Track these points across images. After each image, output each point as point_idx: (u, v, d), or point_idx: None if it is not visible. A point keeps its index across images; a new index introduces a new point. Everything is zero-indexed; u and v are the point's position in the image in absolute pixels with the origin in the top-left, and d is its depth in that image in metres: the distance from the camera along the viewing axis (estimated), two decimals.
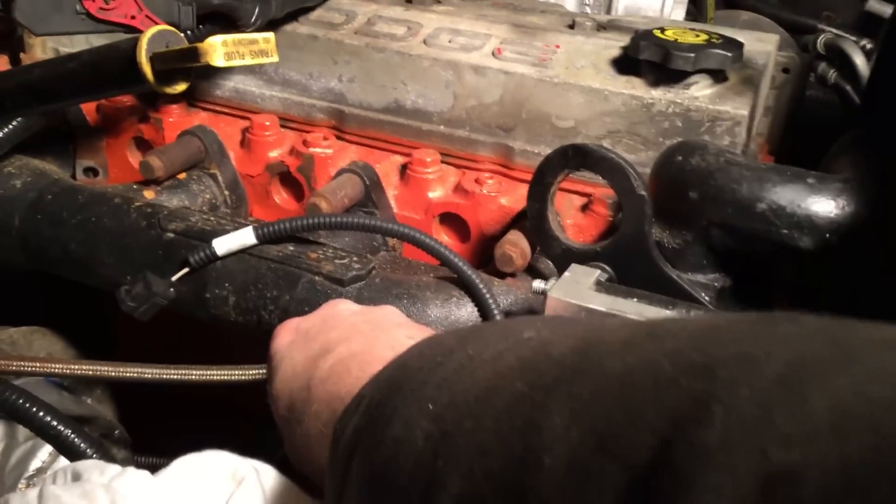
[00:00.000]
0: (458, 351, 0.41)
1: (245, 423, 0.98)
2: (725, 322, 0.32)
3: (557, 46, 0.94)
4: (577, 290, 0.69)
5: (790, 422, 0.24)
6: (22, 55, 1.10)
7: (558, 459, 0.29)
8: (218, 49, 0.54)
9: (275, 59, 0.59)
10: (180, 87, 0.63)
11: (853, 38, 1.50)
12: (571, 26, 0.99)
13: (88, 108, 1.10)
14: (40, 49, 1.10)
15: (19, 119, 0.83)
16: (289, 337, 0.61)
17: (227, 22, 0.89)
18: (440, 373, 0.39)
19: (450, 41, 0.97)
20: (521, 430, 0.31)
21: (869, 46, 1.48)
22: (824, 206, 0.70)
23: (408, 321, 0.62)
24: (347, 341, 0.55)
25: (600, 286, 0.71)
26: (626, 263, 0.77)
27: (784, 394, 0.26)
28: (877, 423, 0.23)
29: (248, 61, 0.56)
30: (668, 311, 0.68)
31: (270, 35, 0.59)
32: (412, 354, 0.46)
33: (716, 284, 0.77)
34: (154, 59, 0.59)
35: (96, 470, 0.53)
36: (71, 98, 0.73)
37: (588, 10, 1.27)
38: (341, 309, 0.63)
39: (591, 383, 0.31)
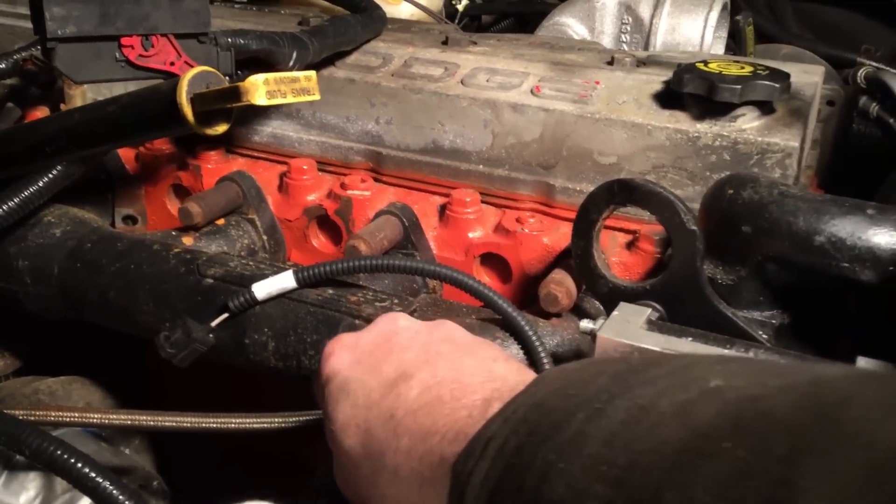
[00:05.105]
0: (619, 397, 0.36)
1: (284, 474, 0.95)
2: None
3: (597, 83, 0.92)
4: (628, 329, 0.67)
5: None
6: (62, 106, 1.11)
7: None
8: (260, 88, 0.53)
9: (316, 97, 0.58)
10: (221, 129, 0.62)
11: (894, 70, 1.47)
12: (610, 62, 0.97)
13: (127, 157, 1.11)
14: (80, 100, 1.11)
15: (59, 168, 0.83)
16: (348, 355, 0.57)
17: (265, 67, 0.89)
18: (604, 424, 0.35)
19: (487, 80, 0.96)
20: None
21: None
22: (886, 237, 0.67)
23: (479, 339, 0.59)
24: (429, 365, 0.51)
25: (652, 325, 0.68)
26: (678, 301, 0.74)
27: None
28: None
29: (290, 99, 0.55)
30: (725, 351, 0.65)
31: (312, 73, 0.58)
32: (548, 393, 0.41)
33: (773, 322, 0.74)
34: (194, 100, 0.58)
35: None
36: (111, 142, 0.72)
37: (625, 46, 1.26)
38: (402, 325, 0.58)
39: (859, 459, 0.26)
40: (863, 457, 0.26)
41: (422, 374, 0.51)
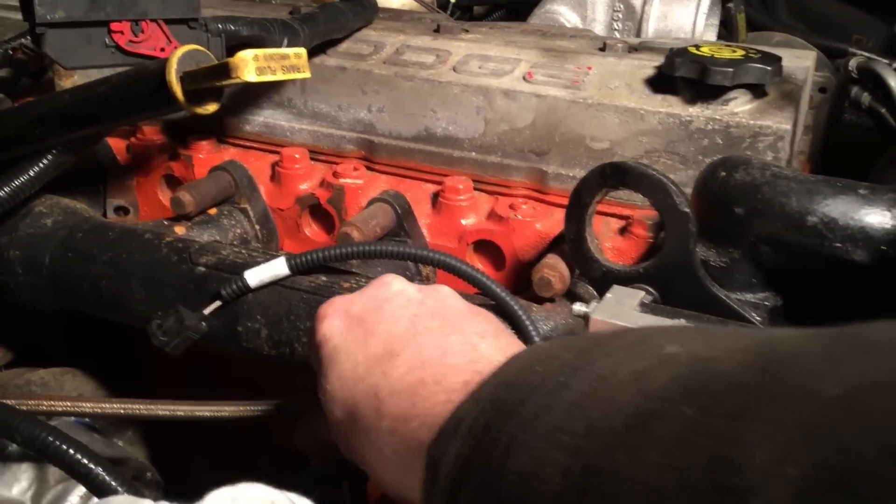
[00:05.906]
0: (582, 369, 0.36)
1: (278, 462, 0.95)
2: None
3: (589, 68, 0.92)
4: (621, 311, 0.67)
5: None
6: None
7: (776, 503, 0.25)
8: (249, 63, 0.53)
9: (307, 74, 0.57)
10: (211, 108, 0.61)
11: (885, 60, 1.47)
12: (602, 48, 0.97)
13: (118, 147, 1.10)
14: None
15: (49, 157, 0.82)
16: (340, 321, 0.57)
17: None
18: (566, 396, 0.35)
19: (479, 67, 0.96)
20: (706, 467, 0.27)
21: None
22: (878, 217, 0.67)
23: (472, 308, 0.58)
24: (416, 342, 0.51)
25: (645, 307, 0.68)
26: (671, 284, 0.74)
27: None
28: None
29: (280, 76, 0.54)
30: None
31: (302, 50, 0.58)
32: (517, 371, 0.41)
33: (766, 304, 0.74)
34: (184, 78, 0.58)
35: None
36: (102, 123, 0.72)
37: (617, 34, 1.26)
38: (395, 290, 0.58)
39: (801, 410, 0.26)
40: (803, 408, 0.26)
41: (408, 352, 0.51)
